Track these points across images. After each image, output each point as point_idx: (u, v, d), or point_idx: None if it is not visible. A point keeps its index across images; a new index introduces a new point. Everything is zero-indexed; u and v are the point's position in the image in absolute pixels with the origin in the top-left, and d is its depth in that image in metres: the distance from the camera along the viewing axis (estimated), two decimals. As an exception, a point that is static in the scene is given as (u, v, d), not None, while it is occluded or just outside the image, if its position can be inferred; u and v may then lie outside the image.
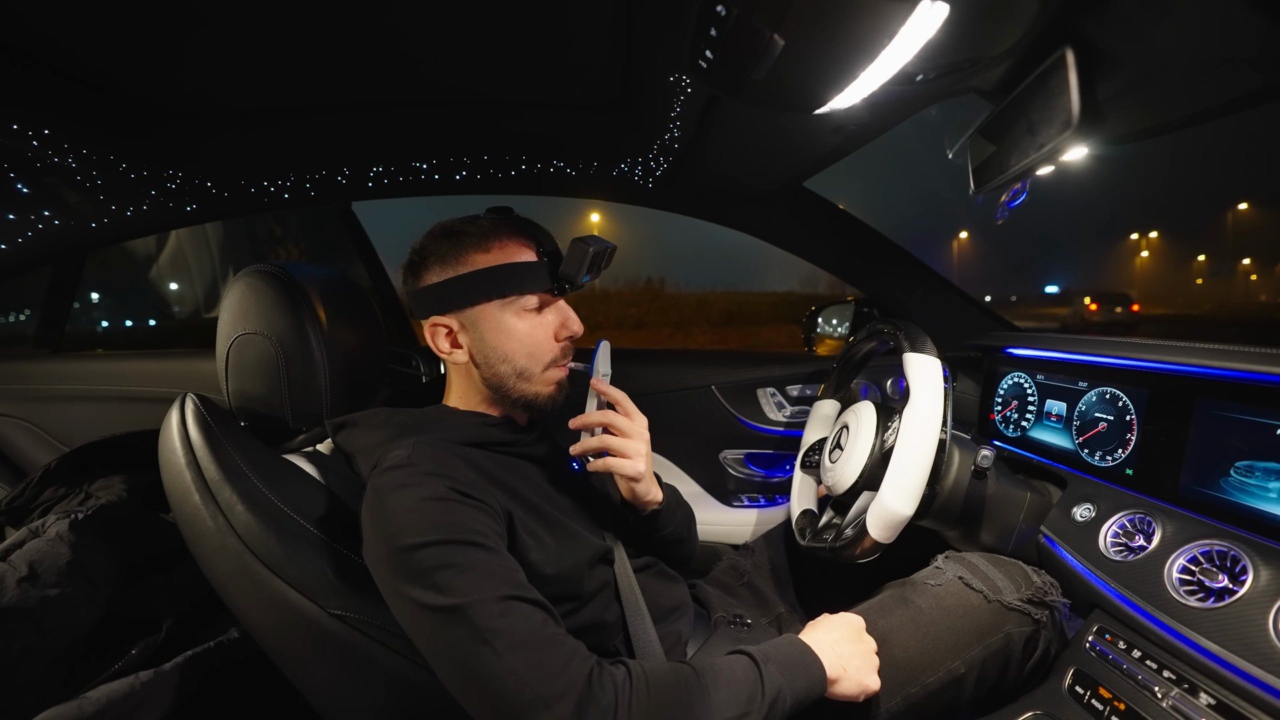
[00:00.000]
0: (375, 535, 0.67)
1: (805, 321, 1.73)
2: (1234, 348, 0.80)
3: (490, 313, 0.80)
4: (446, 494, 0.67)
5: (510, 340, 0.81)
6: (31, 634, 0.89)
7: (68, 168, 0.91)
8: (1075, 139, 0.68)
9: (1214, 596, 0.72)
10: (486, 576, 0.63)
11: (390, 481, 0.68)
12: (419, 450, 0.72)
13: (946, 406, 0.87)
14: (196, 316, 2.90)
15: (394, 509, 0.66)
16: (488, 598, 0.61)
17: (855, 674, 0.74)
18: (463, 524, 0.66)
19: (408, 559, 0.63)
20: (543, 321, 0.83)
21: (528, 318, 0.82)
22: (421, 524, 0.64)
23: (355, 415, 0.81)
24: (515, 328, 0.81)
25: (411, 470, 0.69)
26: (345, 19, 0.73)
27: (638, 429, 0.84)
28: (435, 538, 0.63)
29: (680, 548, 0.99)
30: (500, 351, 0.81)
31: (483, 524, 0.67)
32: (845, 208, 1.41)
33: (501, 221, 0.83)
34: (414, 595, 0.62)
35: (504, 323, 0.81)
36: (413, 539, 0.63)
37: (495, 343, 0.81)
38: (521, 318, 0.81)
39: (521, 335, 0.81)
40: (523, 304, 0.81)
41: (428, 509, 0.66)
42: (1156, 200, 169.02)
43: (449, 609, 0.61)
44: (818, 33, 0.58)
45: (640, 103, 0.98)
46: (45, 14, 0.66)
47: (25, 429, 1.70)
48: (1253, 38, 0.56)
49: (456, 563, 0.63)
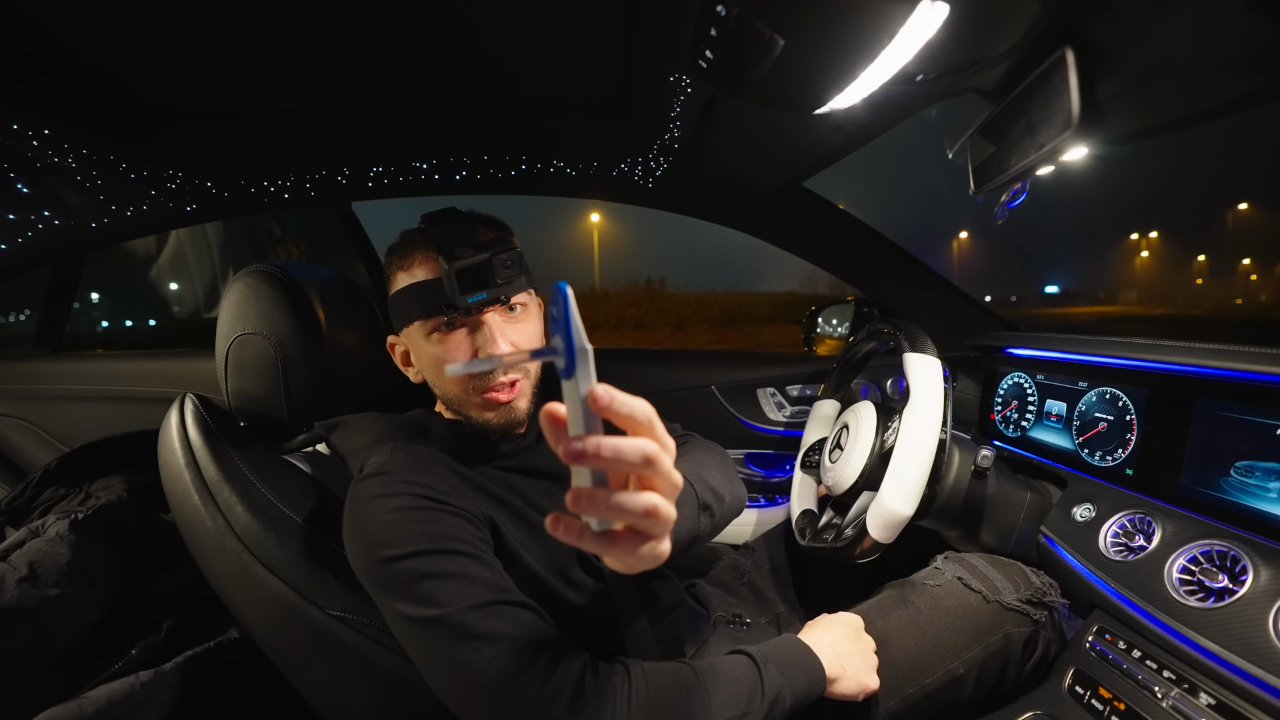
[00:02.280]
0: (355, 546, 0.66)
1: (805, 321, 1.73)
2: (1234, 348, 0.80)
3: (414, 335, 0.78)
4: (422, 503, 0.66)
5: (426, 363, 0.78)
6: (31, 634, 0.89)
7: (68, 168, 0.91)
8: (1075, 139, 0.68)
9: (1214, 596, 0.72)
10: (468, 583, 0.62)
11: (366, 491, 0.68)
12: (396, 456, 0.71)
13: (946, 406, 0.87)
14: (196, 316, 2.90)
15: (370, 519, 0.65)
16: (471, 604, 0.60)
17: (854, 673, 0.74)
18: (440, 532, 0.65)
19: (388, 571, 0.62)
20: (453, 345, 0.76)
21: (437, 341, 0.76)
22: (399, 535, 0.63)
23: (346, 417, 0.81)
24: (428, 352, 0.77)
25: (387, 479, 0.68)
26: (345, 19, 0.73)
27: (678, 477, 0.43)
28: (413, 548, 0.62)
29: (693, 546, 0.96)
30: (429, 375, 0.80)
31: (462, 530, 0.66)
32: (845, 208, 1.41)
33: (423, 233, 0.78)
34: (397, 606, 0.62)
35: (420, 346, 0.78)
36: (391, 551, 0.62)
37: (420, 366, 0.80)
38: (431, 342, 0.76)
39: (434, 360, 0.77)
40: (433, 325, 0.75)
41: (404, 519, 0.64)
42: (1156, 201, 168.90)
43: (432, 619, 0.60)
44: (818, 33, 0.58)
45: (640, 103, 0.98)
46: (45, 14, 0.66)
47: (25, 429, 1.70)
48: (1253, 38, 0.56)
49: (437, 572, 0.62)
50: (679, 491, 0.44)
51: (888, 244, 1.45)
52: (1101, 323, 22.41)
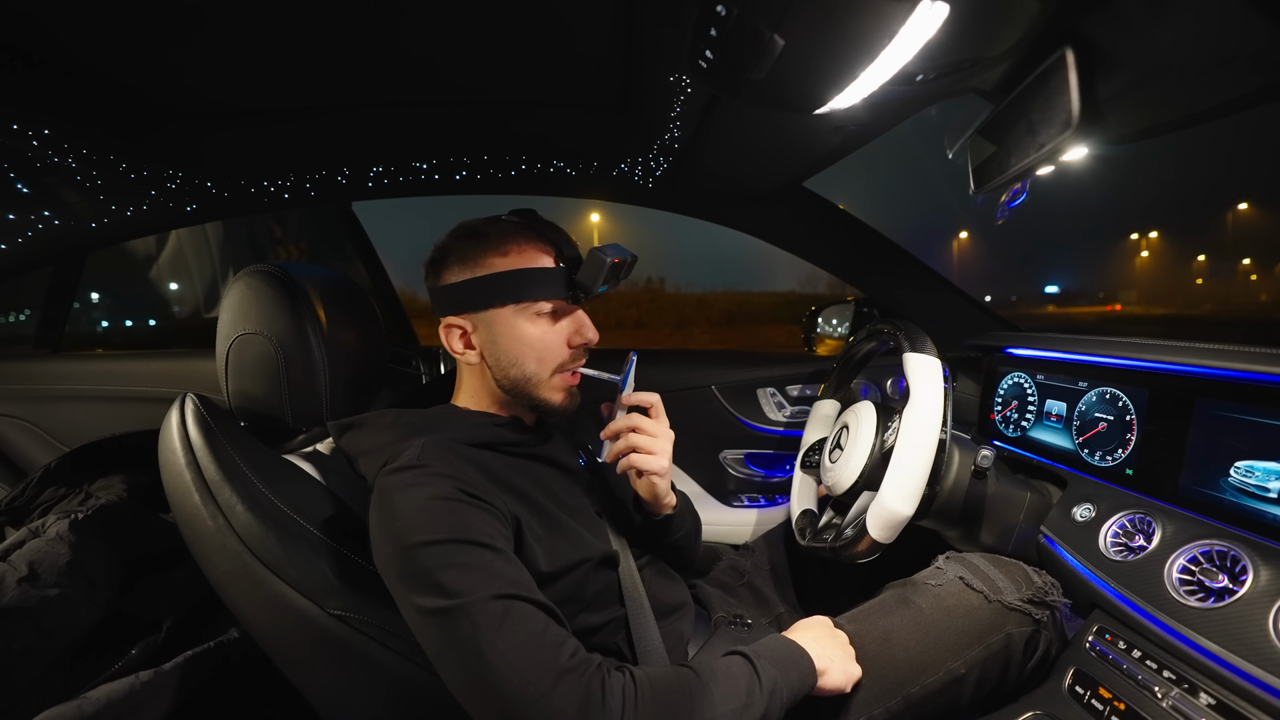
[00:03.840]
0: (382, 534, 0.67)
1: (805, 321, 1.73)
2: (1234, 348, 0.80)
3: (504, 316, 0.81)
4: (455, 494, 0.68)
5: (521, 345, 0.82)
6: (31, 634, 0.89)
7: (68, 168, 0.91)
8: (1075, 139, 0.68)
9: (1214, 596, 0.72)
10: (491, 577, 0.63)
11: (398, 481, 0.69)
12: (428, 450, 0.72)
13: (946, 406, 0.87)
14: (196, 316, 2.90)
15: (402, 508, 0.66)
16: (491, 597, 0.61)
17: (841, 663, 0.77)
18: (470, 525, 0.66)
19: (414, 556, 0.63)
20: (556, 328, 0.83)
21: (541, 323, 0.82)
22: (429, 523, 0.65)
23: (362, 416, 0.81)
24: (527, 333, 0.82)
25: (420, 470, 0.69)
26: (345, 19, 0.73)
27: (664, 430, 0.87)
28: (442, 536, 0.64)
29: (687, 553, 1.00)
30: (511, 355, 0.82)
31: (490, 526, 0.68)
32: (845, 208, 1.41)
33: (523, 225, 0.83)
34: (419, 592, 0.63)
35: (516, 327, 0.81)
36: (420, 537, 0.64)
37: (507, 346, 0.82)
38: (534, 323, 0.82)
39: (533, 340, 0.82)
40: (537, 309, 0.81)
41: (436, 508, 0.66)
42: (1156, 201, 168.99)
43: (453, 608, 0.61)
44: (818, 33, 0.58)
45: (640, 103, 0.98)
46: (45, 13, 0.66)
47: (25, 429, 1.70)
48: (1253, 38, 0.56)
49: (462, 562, 0.63)
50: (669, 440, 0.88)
51: (888, 244, 1.45)
52: (1101, 322, 22.40)
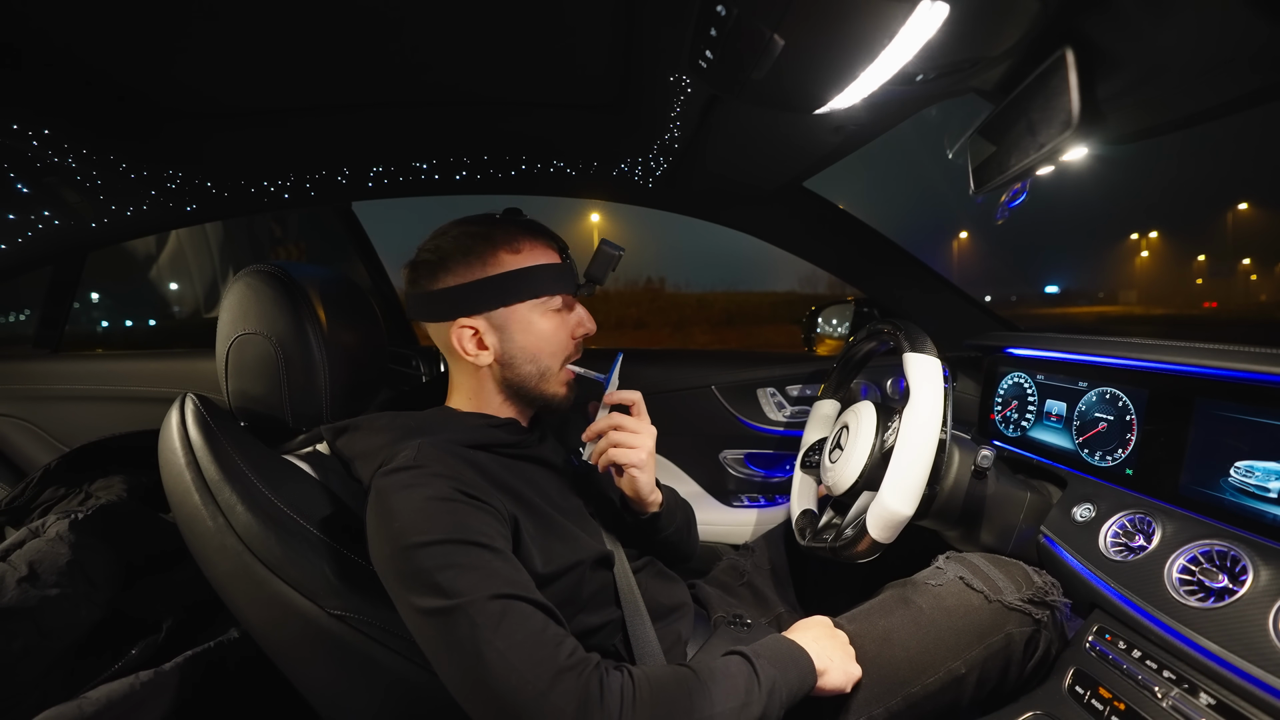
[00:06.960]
0: (380, 535, 0.67)
1: (805, 321, 1.73)
2: (1234, 348, 0.80)
3: (521, 314, 0.82)
4: (453, 494, 0.68)
5: (539, 340, 0.83)
6: (31, 634, 0.89)
7: (68, 168, 0.91)
8: (1075, 139, 0.68)
9: (1214, 596, 0.72)
10: (489, 577, 0.63)
11: (396, 482, 0.68)
12: (425, 451, 0.72)
13: (946, 406, 0.87)
14: (196, 316, 2.90)
15: (399, 509, 0.66)
16: (490, 597, 0.61)
17: (840, 663, 0.77)
18: (468, 525, 0.66)
19: (413, 556, 0.63)
20: (565, 321, 0.86)
21: (554, 318, 0.84)
22: (427, 523, 0.65)
23: (356, 419, 0.81)
24: (543, 328, 0.84)
25: (418, 471, 0.69)
26: (345, 19, 0.73)
27: (645, 426, 0.87)
28: (440, 536, 0.64)
29: (681, 548, 0.99)
30: (529, 351, 0.83)
31: (488, 526, 0.68)
32: (845, 208, 1.41)
33: (523, 223, 0.85)
34: (418, 592, 0.63)
35: (533, 323, 0.83)
36: (418, 537, 0.64)
37: (525, 343, 0.83)
38: (548, 318, 0.84)
39: (548, 335, 0.84)
40: (551, 304, 0.84)
41: (434, 508, 0.66)
42: (1157, 201, 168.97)
43: (452, 608, 0.61)
44: (817, 33, 0.58)
45: (640, 103, 0.98)
46: (45, 13, 0.66)
47: (25, 429, 1.70)
48: (1253, 38, 0.56)
49: (460, 562, 0.63)
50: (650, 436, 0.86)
51: (888, 244, 1.45)
52: (1101, 323, 22.38)
